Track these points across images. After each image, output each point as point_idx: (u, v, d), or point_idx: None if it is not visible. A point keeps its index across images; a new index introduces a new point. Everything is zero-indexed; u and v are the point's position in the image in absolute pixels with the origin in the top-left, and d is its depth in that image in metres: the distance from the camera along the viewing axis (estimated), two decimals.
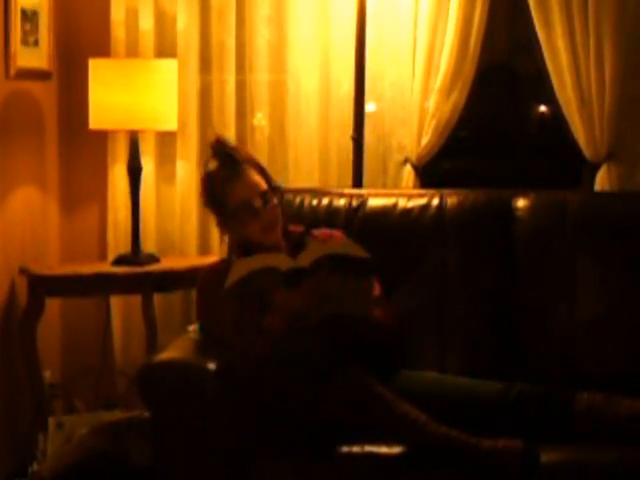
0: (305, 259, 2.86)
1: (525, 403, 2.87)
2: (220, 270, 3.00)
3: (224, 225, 3.15)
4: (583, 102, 3.88)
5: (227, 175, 3.10)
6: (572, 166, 4.18)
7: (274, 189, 3.14)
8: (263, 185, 3.10)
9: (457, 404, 2.90)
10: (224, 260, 3.24)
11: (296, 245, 3.06)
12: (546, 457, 2.69)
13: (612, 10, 3.81)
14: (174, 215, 4.21)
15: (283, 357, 2.81)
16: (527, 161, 4.68)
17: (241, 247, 3.12)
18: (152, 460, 2.93)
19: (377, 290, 3.05)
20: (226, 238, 3.24)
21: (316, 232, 3.20)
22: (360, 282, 2.87)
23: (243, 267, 2.87)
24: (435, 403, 2.81)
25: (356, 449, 2.78)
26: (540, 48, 3.93)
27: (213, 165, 3.15)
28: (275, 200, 3.11)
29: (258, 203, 3.06)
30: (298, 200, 3.49)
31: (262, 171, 3.16)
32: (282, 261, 2.87)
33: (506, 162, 4.67)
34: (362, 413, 2.75)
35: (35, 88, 4.11)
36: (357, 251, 2.89)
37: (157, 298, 3.96)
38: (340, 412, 2.76)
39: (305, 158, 4.06)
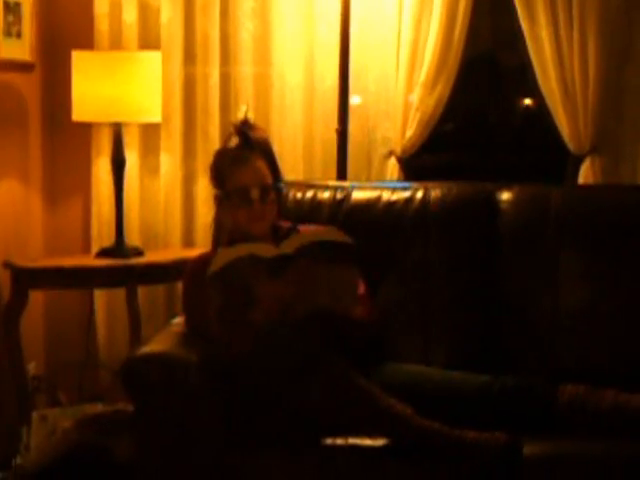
0: (289, 246, 2.85)
1: (508, 396, 2.88)
2: (206, 261, 2.99)
3: (219, 203, 3.14)
4: (567, 95, 3.89)
5: (237, 156, 3.09)
6: (556, 159, 4.18)
7: (277, 187, 3.13)
8: (267, 179, 3.08)
9: (441, 397, 2.91)
10: (210, 251, 3.23)
11: (282, 239, 3.06)
12: (529, 449, 2.69)
13: (596, 2, 3.82)
14: (158, 208, 4.21)
15: (267, 350, 2.80)
16: (511, 154, 4.68)
17: (226, 235, 3.11)
18: (136, 453, 2.93)
19: (361, 288, 3.05)
20: (212, 230, 3.25)
21: (303, 228, 3.20)
22: (344, 270, 2.87)
23: (227, 255, 2.86)
24: (419, 396, 2.81)
25: (340, 441, 2.78)
26: (524, 41, 3.93)
27: (230, 142, 3.14)
28: (273, 197, 3.10)
29: (255, 194, 3.04)
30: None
31: (273, 166, 3.13)
32: (266, 249, 2.86)
33: (490, 155, 4.68)
34: (346, 406, 2.75)
35: (18, 80, 4.10)
36: (341, 237, 2.89)
37: (141, 291, 3.96)
38: (324, 404, 2.76)
39: (289, 151, 4.05)
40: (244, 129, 3.12)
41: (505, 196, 3.40)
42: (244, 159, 3.07)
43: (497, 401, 2.88)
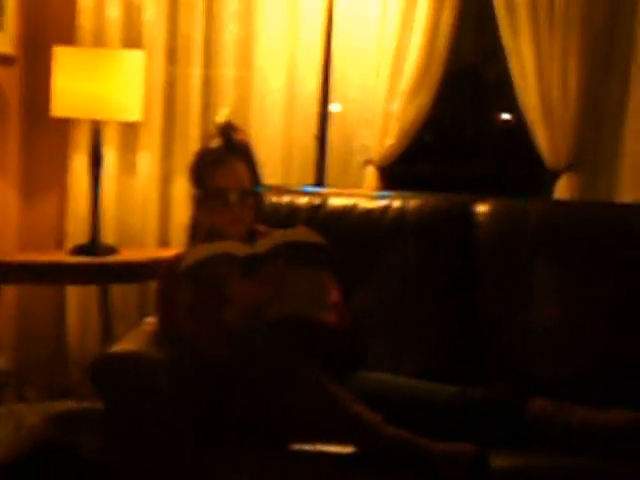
0: (262, 245, 2.85)
1: (477, 407, 2.88)
2: (182, 260, 2.99)
3: (197, 203, 3.14)
4: (546, 110, 3.90)
5: (217, 158, 3.08)
6: (533, 173, 4.20)
7: (256, 191, 3.12)
8: (247, 182, 3.07)
9: (411, 406, 2.91)
10: (186, 251, 3.22)
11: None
12: (497, 462, 2.69)
13: (578, 18, 3.84)
14: (135, 206, 4.20)
15: (239, 353, 2.80)
16: (489, 167, 4.70)
17: (202, 236, 3.10)
18: (104, 451, 2.92)
19: (335, 294, 3.05)
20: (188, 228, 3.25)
21: None
22: (317, 274, 2.87)
23: (199, 252, 2.86)
24: (389, 405, 2.81)
25: (307, 447, 2.78)
26: (506, 55, 3.95)
27: (212, 143, 3.13)
28: (252, 200, 3.09)
29: (234, 197, 3.03)
30: None
31: (253, 170, 3.12)
32: (239, 248, 2.86)
33: (468, 167, 4.70)
34: (315, 411, 2.75)
35: None
36: (314, 238, 2.90)
37: (114, 289, 3.95)
38: (293, 409, 2.76)
39: (268, 155, 4.04)
40: (227, 131, 3.12)
41: (482, 209, 3.41)
42: (225, 161, 3.07)
43: (466, 412, 2.88)
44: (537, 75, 3.89)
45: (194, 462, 2.77)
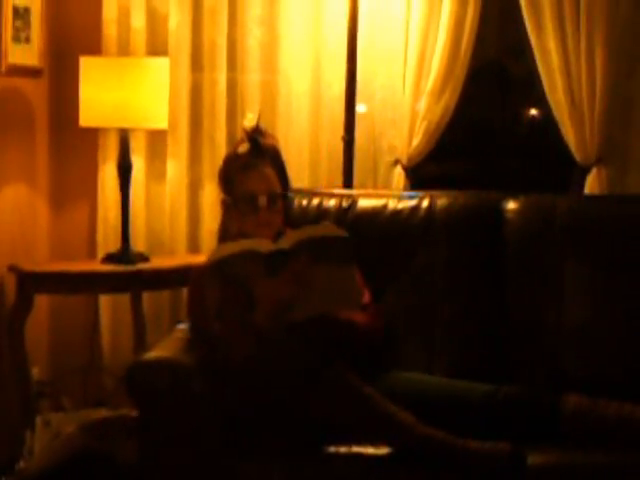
0: (286, 242, 2.86)
1: (512, 405, 2.88)
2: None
3: (226, 208, 3.15)
4: (574, 105, 3.89)
5: (246, 162, 3.09)
6: (562, 169, 4.18)
7: (284, 195, 3.13)
8: (275, 187, 3.08)
9: (444, 406, 2.90)
10: None
11: None
12: (533, 459, 2.69)
13: (604, 13, 3.82)
14: (164, 214, 4.21)
15: (270, 356, 2.81)
16: (517, 163, 4.68)
17: (231, 240, 3.11)
18: (139, 459, 2.93)
19: (365, 296, 3.05)
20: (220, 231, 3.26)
21: None
22: (343, 269, 2.87)
23: (224, 249, 2.88)
24: (422, 405, 2.81)
25: (343, 449, 2.78)
26: (531, 50, 3.94)
27: (241, 148, 3.13)
28: (280, 205, 3.10)
29: (262, 201, 3.04)
30: None
31: (282, 174, 3.13)
32: (264, 244, 2.86)
33: (496, 164, 4.68)
34: (349, 413, 2.75)
35: (26, 85, 4.10)
36: (337, 231, 2.90)
37: (146, 297, 3.96)
38: (327, 412, 2.76)
39: (295, 158, 4.04)
40: (255, 135, 3.12)
41: (511, 205, 3.40)
42: (253, 166, 3.08)
43: (500, 410, 2.88)
44: (563, 71, 3.87)
45: (227, 467, 2.78)
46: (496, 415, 2.87)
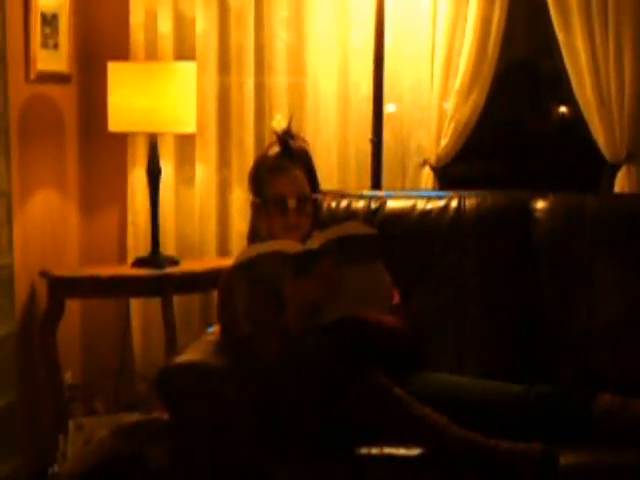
0: (314, 242, 2.86)
1: (544, 405, 2.86)
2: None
3: (255, 210, 3.15)
4: (602, 103, 3.87)
5: (276, 165, 3.08)
6: (592, 167, 4.16)
7: (314, 198, 3.13)
8: (305, 189, 3.07)
9: (475, 406, 2.89)
10: None
11: None
12: (565, 459, 2.67)
13: (632, 11, 3.81)
14: (193, 217, 4.22)
15: (300, 357, 2.81)
16: (546, 162, 4.66)
17: (260, 240, 3.12)
18: (171, 462, 2.94)
19: (395, 297, 3.05)
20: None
21: None
22: (372, 269, 2.87)
23: (252, 250, 2.88)
24: (453, 405, 2.81)
25: (375, 451, 2.78)
26: (559, 49, 3.92)
27: (271, 150, 3.14)
28: (310, 207, 3.09)
29: (292, 204, 3.04)
30: None
31: (312, 177, 3.13)
32: (291, 246, 2.87)
33: (525, 163, 4.66)
34: (380, 415, 2.75)
35: (55, 91, 4.13)
36: (365, 229, 2.90)
37: (176, 300, 3.97)
38: (358, 413, 2.76)
39: (324, 160, 4.04)
40: (286, 138, 3.12)
41: (540, 205, 3.39)
42: (284, 168, 3.07)
43: (533, 410, 2.86)
44: (592, 69, 3.86)
45: (259, 469, 2.78)
46: (528, 415, 2.86)
